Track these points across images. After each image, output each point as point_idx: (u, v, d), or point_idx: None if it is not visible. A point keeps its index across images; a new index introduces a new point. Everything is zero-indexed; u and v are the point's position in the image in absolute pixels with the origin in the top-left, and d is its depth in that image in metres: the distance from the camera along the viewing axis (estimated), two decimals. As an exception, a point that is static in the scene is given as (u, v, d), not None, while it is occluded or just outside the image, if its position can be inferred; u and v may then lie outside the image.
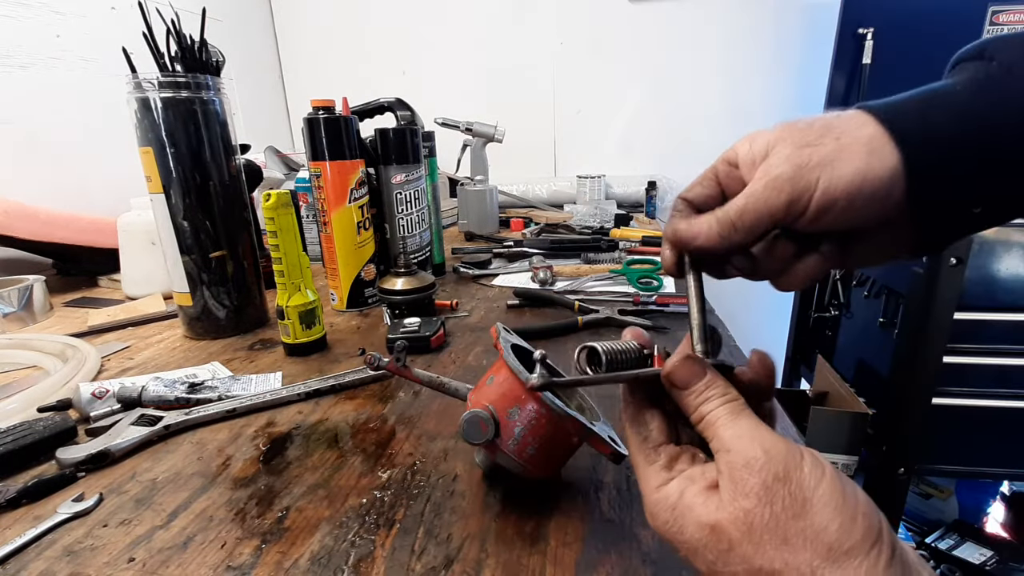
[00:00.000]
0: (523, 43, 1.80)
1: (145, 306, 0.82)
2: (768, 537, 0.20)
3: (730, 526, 0.21)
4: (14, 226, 0.90)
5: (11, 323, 0.77)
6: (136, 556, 0.33)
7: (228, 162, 0.67)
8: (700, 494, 0.22)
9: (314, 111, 0.72)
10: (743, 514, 0.20)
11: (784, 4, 1.62)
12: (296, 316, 0.61)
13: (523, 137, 1.74)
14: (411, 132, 0.82)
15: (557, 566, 0.31)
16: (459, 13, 1.81)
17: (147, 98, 0.60)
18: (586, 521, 0.35)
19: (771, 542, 0.20)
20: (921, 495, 1.35)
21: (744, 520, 0.20)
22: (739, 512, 0.21)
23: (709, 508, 0.22)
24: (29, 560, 0.33)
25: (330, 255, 0.77)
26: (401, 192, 0.82)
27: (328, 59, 1.93)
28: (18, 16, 1.06)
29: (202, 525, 0.36)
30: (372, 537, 0.34)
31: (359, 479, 0.40)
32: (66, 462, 0.41)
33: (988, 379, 0.97)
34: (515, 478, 0.36)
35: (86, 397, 0.49)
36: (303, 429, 0.47)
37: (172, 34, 0.63)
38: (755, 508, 0.20)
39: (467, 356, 0.62)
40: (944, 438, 1.01)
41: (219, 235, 0.67)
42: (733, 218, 0.27)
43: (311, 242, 1.00)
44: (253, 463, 0.43)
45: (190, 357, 0.64)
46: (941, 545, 1.23)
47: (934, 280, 0.89)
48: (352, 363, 0.60)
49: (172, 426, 0.47)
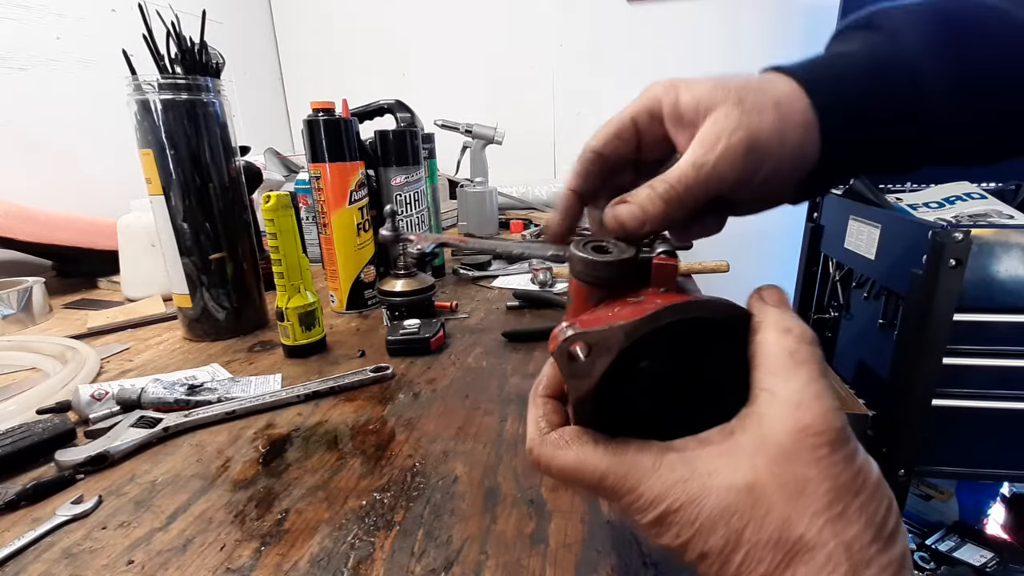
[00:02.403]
0: (523, 45, 1.80)
1: (145, 308, 0.82)
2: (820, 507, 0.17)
3: (775, 490, 0.18)
4: (14, 228, 0.90)
5: (10, 325, 0.77)
6: (135, 558, 0.33)
7: (228, 164, 0.67)
8: (717, 455, 0.19)
9: (314, 113, 0.72)
10: (794, 480, 0.18)
11: (783, 6, 1.62)
12: (296, 318, 0.61)
13: (523, 139, 1.74)
14: (411, 134, 0.82)
15: (557, 568, 0.31)
16: (459, 15, 1.81)
17: (147, 100, 0.60)
18: (586, 523, 0.35)
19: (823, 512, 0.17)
20: (921, 497, 1.35)
21: (795, 485, 0.18)
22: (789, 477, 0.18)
23: (741, 471, 0.19)
24: (28, 563, 0.33)
25: (330, 257, 0.77)
26: (401, 194, 0.82)
27: (328, 61, 1.93)
28: (18, 18, 1.06)
29: (201, 527, 0.35)
30: (372, 539, 0.34)
31: (359, 481, 0.40)
32: (65, 464, 0.41)
33: (988, 380, 0.97)
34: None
35: (85, 399, 0.49)
36: (303, 431, 0.47)
37: (172, 36, 0.63)
38: (815, 476, 0.18)
39: (467, 357, 0.62)
40: (944, 440, 1.01)
41: (219, 237, 0.67)
42: (681, 192, 0.24)
43: (311, 244, 1.00)
44: (252, 465, 0.42)
45: (189, 359, 0.64)
46: (941, 547, 1.23)
47: (934, 281, 0.89)
48: (352, 365, 0.60)
49: (171, 428, 0.47)
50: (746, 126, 0.23)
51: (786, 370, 0.19)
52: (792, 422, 0.18)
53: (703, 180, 0.24)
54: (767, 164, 0.24)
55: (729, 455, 0.19)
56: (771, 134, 0.24)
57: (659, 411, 0.23)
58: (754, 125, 0.23)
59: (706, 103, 0.24)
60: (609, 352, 0.20)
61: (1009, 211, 1.13)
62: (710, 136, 0.24)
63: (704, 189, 0.24)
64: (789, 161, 0.25)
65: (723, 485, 0.19)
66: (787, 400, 0.19)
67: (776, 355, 0.20)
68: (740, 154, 0.23)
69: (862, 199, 1.22)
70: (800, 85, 0.25)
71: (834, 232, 1.31)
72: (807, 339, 0.20)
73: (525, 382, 0.54)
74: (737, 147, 0.23)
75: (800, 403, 0.18)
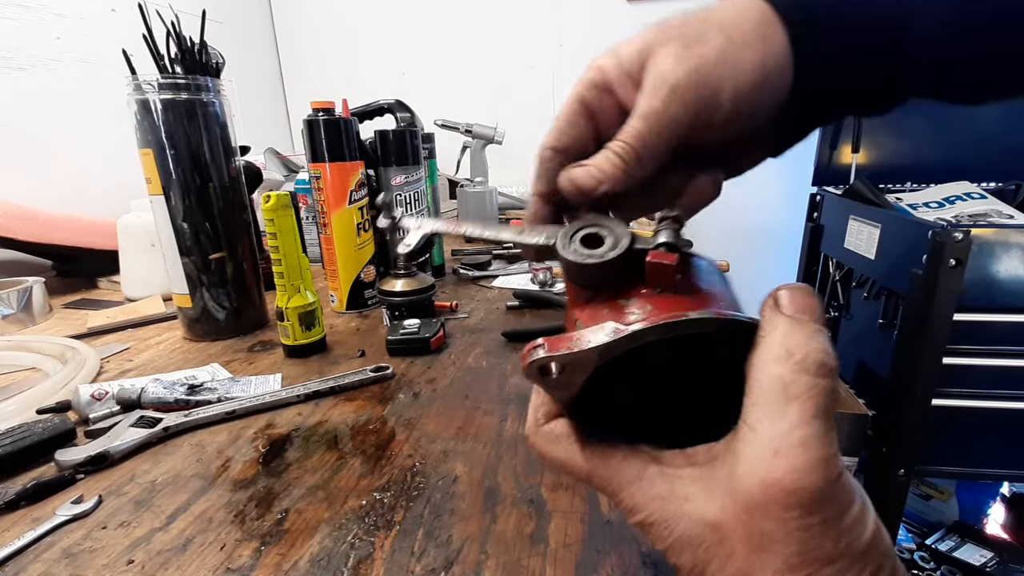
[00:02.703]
0: (523, 45, 1.80)
1: (145, 308, 0.82)
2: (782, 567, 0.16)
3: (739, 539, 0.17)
4: (13, 228, 0.90)
5: (10, 325, 0.77)
6: (135, 558, 0.33)
7: (228, 164, 0.67)
8: (694, 479, 0.19)
9: (314, 113, 0.72)
10: (759, 534, 0.16)
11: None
12: (296, 318, 0.61)
13: (523, 139, 1.73)
14: (411, 134, 0.82)
15: (557, 567, 0.31)
16: (459, 15, 1.81)
17: (147, 100, 0.60)
18: (586, 522, 0.35)
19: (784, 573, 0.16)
20: (921, 496, 1.35)
21: (759, 540, 0.16)
22: (754, 529, 0.16)
23: (711, 504, 0.18)
24: (28, 562, 0.33)
25: (330, 257, 0.77)
26: (401, 194, 0.82)
27: (328, 61, 1.93)
28: (18, 18, 1.06)
29: (201, 527, 0.35)
30: (371, 539, 0.34)
31: (359, 481, 0.40)
32: (65, 464, 0.41)
33: (988, 380, 0.97)
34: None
35: (85, 399, 0.49)
36: (303, 431, 0.47)
37: (172, 36, 0.63)
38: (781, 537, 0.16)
39: (467, 357, 0.62)
40: (944, 439, 1.01)
41: (219, 237, 0.67)
42: (636, 146, 0.22)
43: (311, 244, 1.00)
44: (252, 465, 0.42)
45: (189, 359, 0.64)
46: (941, 547, 1.23)
47: (934, 281, 0.89)
48: (352, 365, 0.60)
49: (171, 428, 0.47)
50: (687, 59, 0.21)
51: (774, 405, 0.17)
52: (765, 471, 0.16)
53: (658, 129, 0.22)
54: (724, 95, 0.22)
55: (705, 484, 0.19)
56: (719, 60, 0.21)
57: (648, 413, 0.22)
58: (696, 56, 0.21)
59: (646, 50, 0.22)
60: (584, 370, 0.19)
61: (1009, 211, 1.13)
62: (655, 81, 0.22)
63: (661, 139, 0.22)
64: (751, 85, 0.22)
65: (694, 515, 0.18)
66: (765, 444, 0.16)
67: (767, 384, 0.17)
68: (688, 90, 0.21)
69: (862, 199, 1.22)
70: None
71: (834, 232, 1.31)
72: (811, 368, 0.17)
73: (525, 382, 0.54)
74: (683, 84, 0.21)
75: (778, 451, 0.16)
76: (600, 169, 0.23)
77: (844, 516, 0.16)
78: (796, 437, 0.16)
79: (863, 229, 1.15)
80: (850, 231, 1.21)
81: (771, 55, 0.22)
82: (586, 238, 0.22)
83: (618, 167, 0.22)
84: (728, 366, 0.19)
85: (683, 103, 0.21)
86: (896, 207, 1.21)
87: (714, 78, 0.21)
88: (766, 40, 0.22)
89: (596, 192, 0.23)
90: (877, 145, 1.46)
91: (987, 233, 0.90)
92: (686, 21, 0.23)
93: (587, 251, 0.22)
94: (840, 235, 1.25)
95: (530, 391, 0.25)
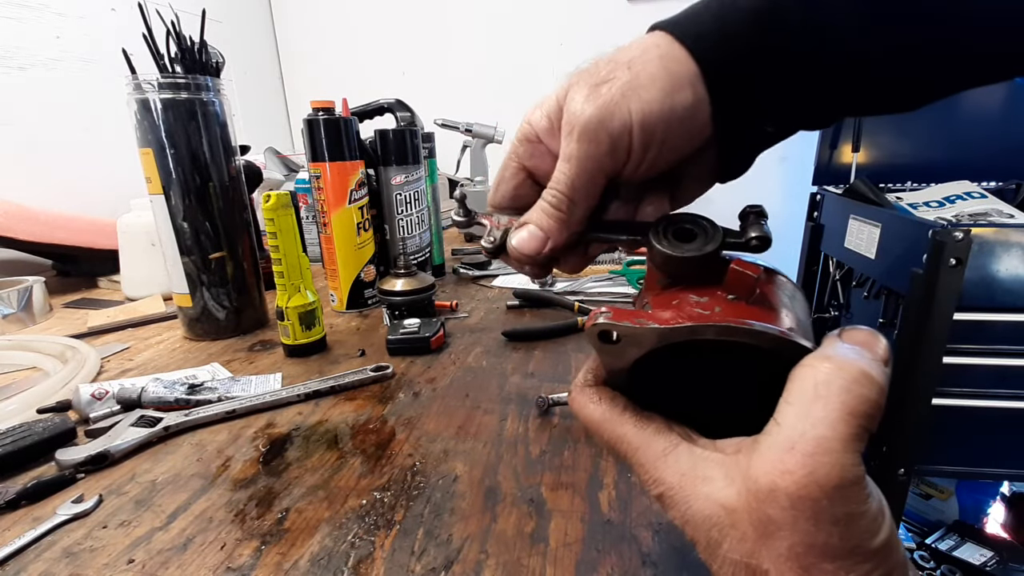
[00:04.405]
0: (523, 44, 1.80)
1: (145, 307, 0.82)
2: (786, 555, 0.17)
3: (749, 524, 0.18)
4: (14, 227, 0.90)
5: (11, 324, 0.77)
6: (135, 557, 0.33)
7: (228, 163, 0.67)
8: (718, 464, 0.20)
9: (314, 112, 0.72)
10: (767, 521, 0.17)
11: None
12: (296, 317, 0.61)
13: (523, 138, 1.74)
14: (411, 133, 0.82)
15: (557, 567, 0.31)
16: (459, 14, 1.81)
17: (147, 99, 0.60)
18: (586, 522, 0.35)
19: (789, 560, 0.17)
20: (921, 496, 1.35)
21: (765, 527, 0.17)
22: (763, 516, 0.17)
23: (729, 489, 0.19)
24: (28, 562, 0.33)
25: (330, 256, 0.77)
26: (401, 193, 0.82)
27: (328, 60, 1.93)
28: (18, 17, 1.06)
29: (202, 526, 0.35)
30: (372, 538, 0.34)
31: (359, 480, 0.40)
32: (65, 463, 0.41)
33: (988, 380, 0.97)
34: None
35: (86, 398, 0.49)
36: (303, 430, 0.47)
37: (172, 35, 0.63)
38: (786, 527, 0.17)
39: (467, 357, 0.62)
40: (944, 439, 1.01)
41: (219, 236, 0.67)
42: (567, 192, 0.23)
43: (311, 243, 1.00)
44: (253, 464, 0.42)
45: (190, 358, 0.64)
46: (941, 546, 1.23)
47: (934, 281, 0.89)
48: (352, 364, 0.60)
49: (172, 427, 0.47)
50: (594, 98, 0.22)
51: (803, 402, 0.17)
52: (778, 464, 0.17)
53: (580, 170, 0.23)
54: (634, 129, 0.22)
55: (727, 469, 0.19)
56: (623, 97, 0.22)
57: (687, 404, 0.23)
58: (602, 95, 0.22)
59: (563, 96, 0.23)
60: (640, 347, 0.21)
61: (1009, 210, 1.13)
62: (568, 124, 0.23)
63: (590, 179, 0.23)
64: (658, 116, 0.22)
65: (710, 495, 0.19)
66: (785, 438, 0.17)
67: (801, 383, 0.18)
68: (600, 129, 0.22)
69: (862, 198, 1.22)
70: (663, 30, 0.23)
71: (834, 231, 1.31)
72: (849, 374, 0.17)
73: (525, 381, 0.54)
74: (593, 122, 0.22)
75: (794, 447, 0.17)
76: (541, 228, 0.24)
77: (855, 517, 0.16)
78: (815, 435, 0.16)
79: (863, 228, 1.15)
80: (850, 230, 1.21)
81: (678, 88, 0.22)
82: (678, 232, 0.23)
83: (554, 216, 0.23)
84: (778, 382, 0.19)
85: (596, 141, 0.22)
86: (896, 206, 1.21)
87: (621, 113, 0.22)
88: (671, 74, 0.22)
89: (543, 253, 0.24)
90: (877, 144, 1.46)
91: (987, 232, 0.90)
92: (598, 63, 0.23)
93: (683, 245, 0.23)
94: (840, 234, 1.25)
95: (530, 392, 0.25)
